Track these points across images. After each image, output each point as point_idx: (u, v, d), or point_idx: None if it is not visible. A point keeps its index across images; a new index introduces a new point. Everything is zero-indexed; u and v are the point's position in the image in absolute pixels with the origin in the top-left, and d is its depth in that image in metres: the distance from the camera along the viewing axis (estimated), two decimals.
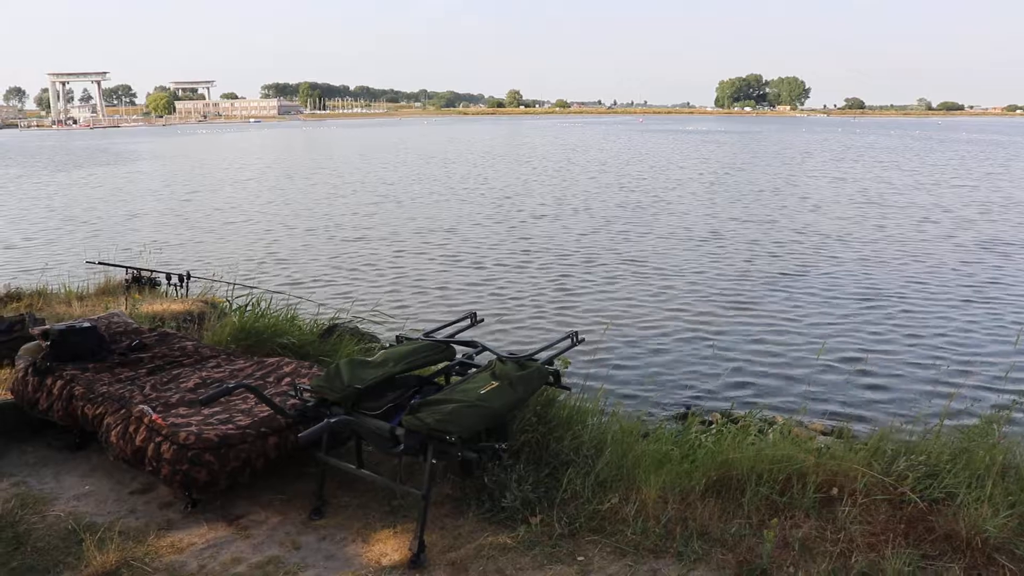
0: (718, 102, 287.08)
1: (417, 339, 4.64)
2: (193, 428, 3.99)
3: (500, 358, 4.29)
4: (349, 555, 3.75)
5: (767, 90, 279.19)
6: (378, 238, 22.51)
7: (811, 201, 29.99)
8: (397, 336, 4.81)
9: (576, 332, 4.61)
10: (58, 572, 3.65)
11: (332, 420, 3.74)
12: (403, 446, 3.64)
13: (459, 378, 4.38)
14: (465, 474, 4.29)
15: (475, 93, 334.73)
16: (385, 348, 4.68)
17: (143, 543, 3.83)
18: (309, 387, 4.16)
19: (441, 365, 4.57)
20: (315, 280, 17.14)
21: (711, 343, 12.01)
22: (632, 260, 18.72)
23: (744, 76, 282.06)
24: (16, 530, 3.99)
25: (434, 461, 3.65)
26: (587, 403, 5.05)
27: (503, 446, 3.93)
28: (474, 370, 4.40)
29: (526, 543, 3.79)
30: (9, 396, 5.16)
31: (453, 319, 5.07)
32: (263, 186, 39.17)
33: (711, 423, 6.38)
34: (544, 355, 4.47)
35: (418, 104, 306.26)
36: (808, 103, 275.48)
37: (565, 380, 4.50)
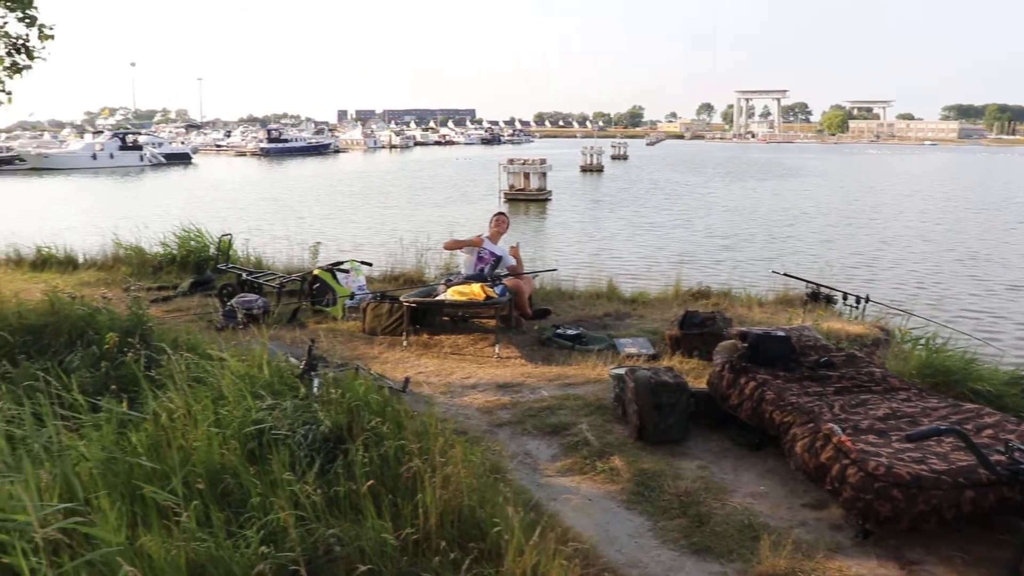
0: None
1: None
2: (883, 459, 3.88)
3: None
4: None
5: None
6: None
7: None
8: None
9: None
10: (731, 560, 3.89)
11: None
12: None
13: None
14: None
15: None
16: None
17: (812, 559, 3.86)
18: (1022, 446, 3.74)
19: None
20: (988, 327, 15.62)
21: None
22: None
23: None
24: (699, 509, 4.38)
25: None
26: None
27: None
28: None
29: None
30: (703, 386, 5.68)
31: None
32: (941, 217, 36.81)
33: None
34: None
35: None
36: None
37: None
